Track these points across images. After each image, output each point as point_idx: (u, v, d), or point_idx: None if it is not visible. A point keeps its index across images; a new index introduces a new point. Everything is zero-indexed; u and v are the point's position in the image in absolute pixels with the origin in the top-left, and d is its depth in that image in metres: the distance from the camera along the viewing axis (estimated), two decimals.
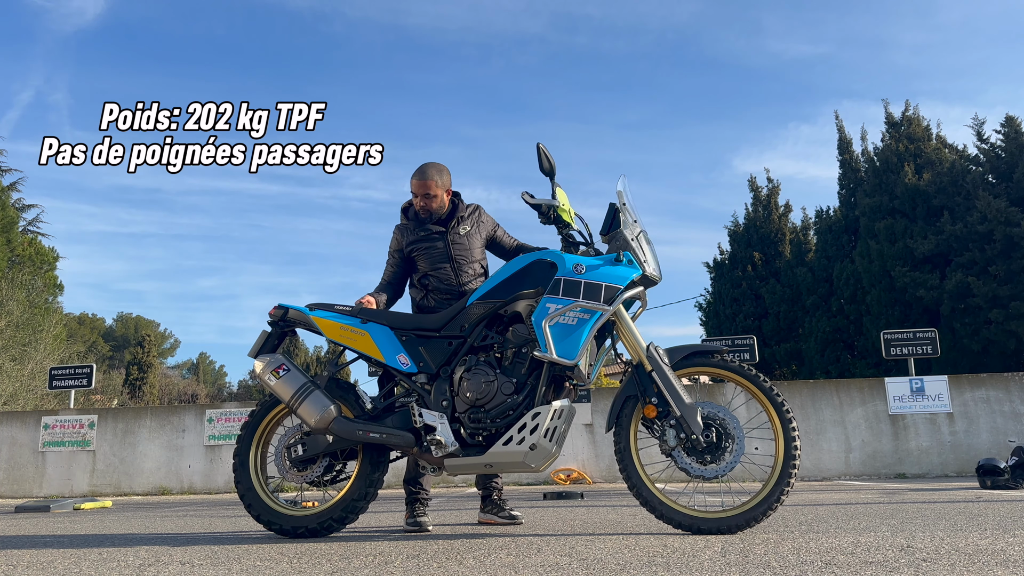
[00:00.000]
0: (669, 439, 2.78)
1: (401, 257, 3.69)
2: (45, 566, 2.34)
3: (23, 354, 18.97)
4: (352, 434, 3.01)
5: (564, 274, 2.89)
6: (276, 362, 3.14)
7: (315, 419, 3.01)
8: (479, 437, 2.92)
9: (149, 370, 38.17)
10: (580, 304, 2.82)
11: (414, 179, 3.62)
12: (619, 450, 2.86)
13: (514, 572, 1.98)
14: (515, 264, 3.06)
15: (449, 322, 3.10)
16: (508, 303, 3.00)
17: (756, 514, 2.72)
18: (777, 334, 18.29)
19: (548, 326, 2.82)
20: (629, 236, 2.95)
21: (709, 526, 2.72)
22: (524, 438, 2.80)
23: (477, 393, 2.90)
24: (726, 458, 2.77)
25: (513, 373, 2.94)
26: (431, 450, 2.93)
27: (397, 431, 2.99)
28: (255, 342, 3.30)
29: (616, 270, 2.88)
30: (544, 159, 3.08)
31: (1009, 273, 14.01)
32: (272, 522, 3.08)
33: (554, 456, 2.89)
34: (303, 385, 3.06)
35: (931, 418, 9.79)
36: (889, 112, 18.06)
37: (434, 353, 3.08)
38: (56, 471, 10.53)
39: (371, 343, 3.12)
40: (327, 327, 3.19)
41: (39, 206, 27.30)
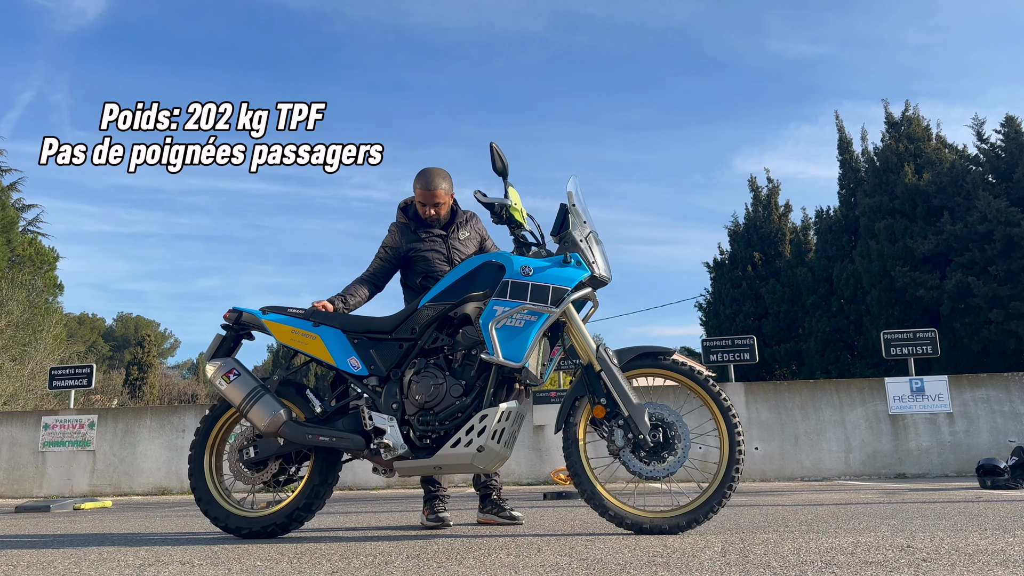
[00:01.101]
0: (617, 439, 2.80)
1: (395, 256, 3.68)
2: (45, 566, 2.34)
3: (23, 354, 18.97)
4: (302, 438, 3.02)
5: (512, 276, 2.89)
6: (227, 366, 3.17)
7: (265, 423, 3.04)
8: (428, 439, 2.93)
9: (149, 370, 38.17)
10: (527, 306, 2.83)
11: (420, 188, 3.61)
12: (568, 451, 2.88)
13: (514, 572, 1.97)
14: (465, 266, 3.07)
15: (400, 324, 3.11)
16: (457, 305, 3.01)
17: (699, 514, 2.75)
18: (777, 334, 18.29)
19: (495, 328, 2.83)
20: (578, 237, 2.96)
21: (654, 526, 2.75)
22: (472, 440, 2.81)
23: (426, 396, 2.91)
24: (672, 458, 2.79)
25: (462, 375, 2.96)
26: (380, 453, 2.94)
27: (347, 434, 3.00)
28: (210, 346, 3.32)
29: (564, 271, 2.88)
30: (497, 158, 3.08)
31: (1009, 273, 14.01)
32: (219, 519, 3.13)
33: (503, 458, 2.91)
34: (253, 389, 3.08)
35: (931, 418, 9.79)
36: (889, 112, 18.07)
37: (385, 356, 3.09)
38: (56, 471, 10.53)
39: (322, 346, 3.13)
40: (278, 331, 3.20)
41: (39, 206, 27.34)
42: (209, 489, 3.18)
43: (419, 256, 3.64)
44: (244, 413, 3.08)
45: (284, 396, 3.17)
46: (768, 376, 18.23)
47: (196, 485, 3.20)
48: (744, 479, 9.68)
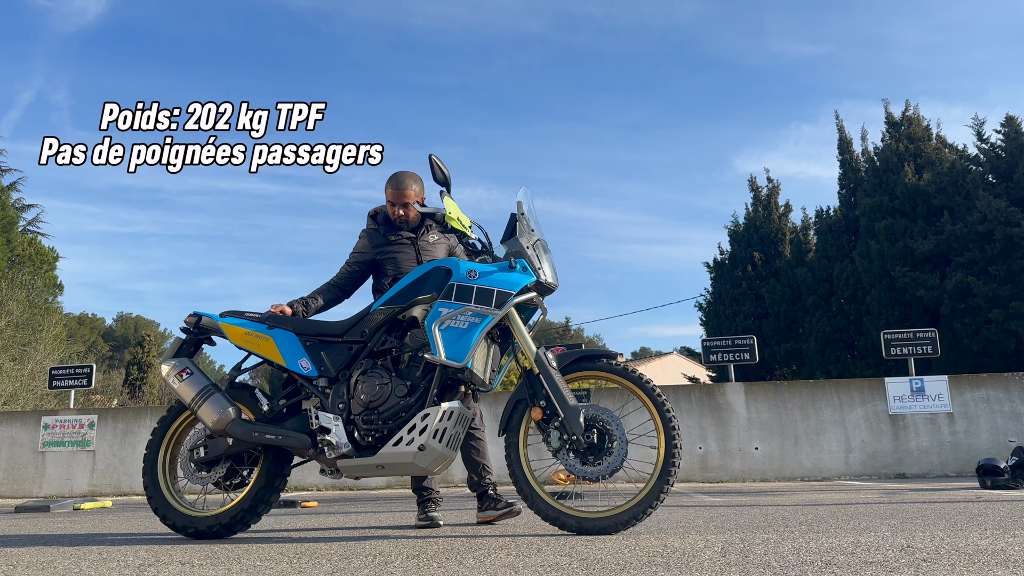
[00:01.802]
0: (553, 440, 2.85)
1: (365, 261, 3.75)
2: (45, 566, 2.34)
3: (23, 354, 18.97)
4: (248, 435, 3.08)
5: (457, 280, 2.97)
6: (181, 365, 3.24)
7: (213, 420, 3.09)
8: (371, 438, 2.98)
9: (149, 370, 38.18)
10: (471, 308, 2.89)
11: (391, 188, 3.69)
12: (509, 453, 2.94)
13: (514, 572, 1.97)
14: (416, 272, 3.16)
15: (352, 328, 3.19)
16: (406, 308, 3.08)
17: (636, 512, 2.77)
18: (777, 334, 18.29)
19: (439, 329, 2.90)
20: (525, 244, 3.03)
21: (592, 526, 2.78)
22: (413, 439, 2.86)
23: (371, 395, 2.97)
24: (608, 459, 2.82)
25: (408, 376, 3.02)
26: (324, 451, 2.99)
27: (292, 432, 3.06)
28: (168, 348, 3.41)
29: (509, 276, 2.96)
30: (437, 170, 3.16)
31: (1009, 273, 14.01)
32: (167, 516, 3.19)
33: (446, 458, 2.96)
34: (204, 388, 3.15)
35: (931, 418, 9.79)
36: (889, 112, 18.07)
37: (335, 357, 3.16)
38: (56, 471, 10.53)
39: (274, 348, 3.20)
40: (233, 332, 3.28)
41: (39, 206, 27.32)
42: (160, 487, 3.25)
43: (388, 258, 3.70)
44: (194, 411, 3.15)
45: (236, 397, 3.23)
46: (768, 376, 18.23)
47: (148, 483, 3.26)
48: (744, 479, 9.68)
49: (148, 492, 3.25)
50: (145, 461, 3.30)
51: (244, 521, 3.16)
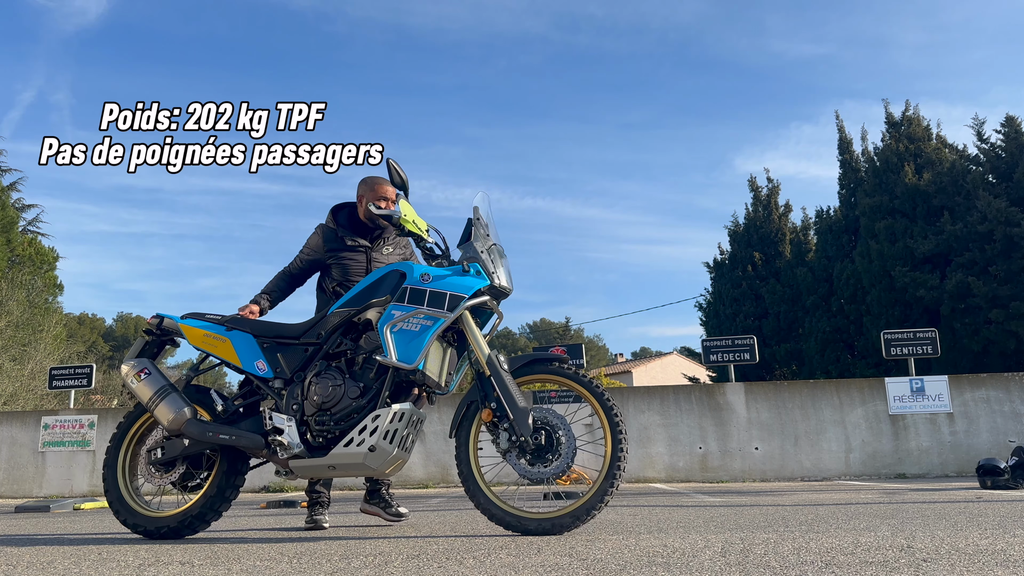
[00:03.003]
0: (502, 441, 2.87)
1: (314, 260, 3.78)
2: (45, 566, 2.34)
3: (23, 354, 18.97)
4: (203, 435, 3.11)
5: (411, 283, 3.00)
6: (140, 366, 3.27)
7: (169, 420, 3.13)
8: (323, 439, 3.01)
9: None
10: (423, 311, 2.92)
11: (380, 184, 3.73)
12: (459, 453, 2.96)
13: (514, 572, 1.97)
14: (372, 275, 3.18)
15: (308, 330, 3.22)
16: (361, 311, 3.10)
17: (580, 513, 2.79)
18: (777, 334, 18.29)
19: (391, 332, 2.93)
20: (479, 248, 3.05)
21: (536, 526, 2.79)
22: (364, 440, 2.88)
23: (324, 396, 3.00)
24: (556, 461, 2.83)
25: (361, 378, 3.04)
26: (277, 452, 3.01)
27: (246, 433, 3.09)
28: (131, 349, 3.43)
29: (462, 280, 2.98)
30: (395, 174, 3.18)
31: (1009, 273, 14.01)
32: (120, 513, 3.22)
33: (397, 459, 2.98)
34: (161, 387, 3.18)
35: (931, 418, 9.79)
36: (889, 112, 18.07)
37: (291, 359, 3.19)
38: (56, 471, 10.53)
39: (231, 349, 3.24)
40: (192, 334, 3.32)
41: (39, 206, 27.33)
42: (119, 487, 3.27)
43: (338, 264, 3.73)
44: (151, 410, 3.18)
45: (193, 398, 3.27)
46: (768, 376, 18.23)
47: (107, 483, 3.28)
48: (744, 479, 9.68)
49: (108, 495, 3.28)
50: (105, 463, 3.33)
51: (192, 526, 3.18)
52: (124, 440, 3.37)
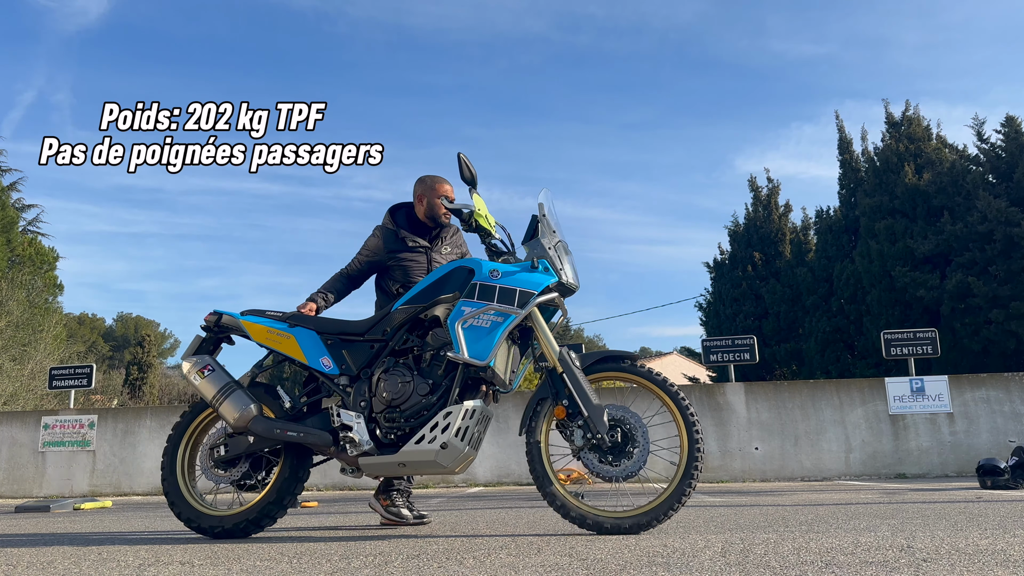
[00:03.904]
0: (576, 439, 2.85)
1: (374, 261, 3.77)
2: (45, 566, 2.34)
3: (23, 354, 18.97)
4: (270, 432, 3.07)
5: (480, 279, 2.98)
6: (202, 362, 3.23)
7: (235, 417, 3.08)
8: (393, 436, 2.99)
9: (149, 370, 38.15)
10: (494, 307, 2.90)
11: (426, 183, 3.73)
12: (529, 452, 2.93)
13: (514, 572, 1.97)
14: (438, 271, 3.16)
15: (373, 327, 3.19)
16: (428, 307, 3.09)
17: (658, 514, 2.77)
18: (777, 334, 18.30)
19: (462, 328, 2.90)
20: (547, 245, 3.04)
21: (612, 525, 2.77)
22: (435, 437, 2.85)
23: (393, 393, 2.97)
24: (631, 459, 2.82)
25: (430, 375, 3.02)
26: (346, 449, 2.98)
27: (314, 430, 3.05)
28: (189, 346, 3.39)
29: (531, 276, 2.96)
30: (465, 168, 3.17)
31: (1009, 273, 14.01)
32: (191, 520, 3.15)
33: (467, 457, 2.95)
34: (226, 384, 3.14)
35: (931, 418, 9.79)
36: (889, 112, 18.07)
37: (356, 356, 3.16)
38: (56, 471, 10.53)
39: (295, 346, 3.21)
40: (255, 331, 3.28)
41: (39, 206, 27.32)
42: (180, 488, 3.22)
43: (399, 265, 3.72)
44: (216, 408, 3.13)
45: (257, 395, 3.22)
46: (768, 376, 18.23)
47: (167, 484, 3.23)
48: (744, 479, 9.68)
49: (169, 497, 3.20)
50: (163, 466, 3.26)
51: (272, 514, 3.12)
52: (183, 436, 3.30)
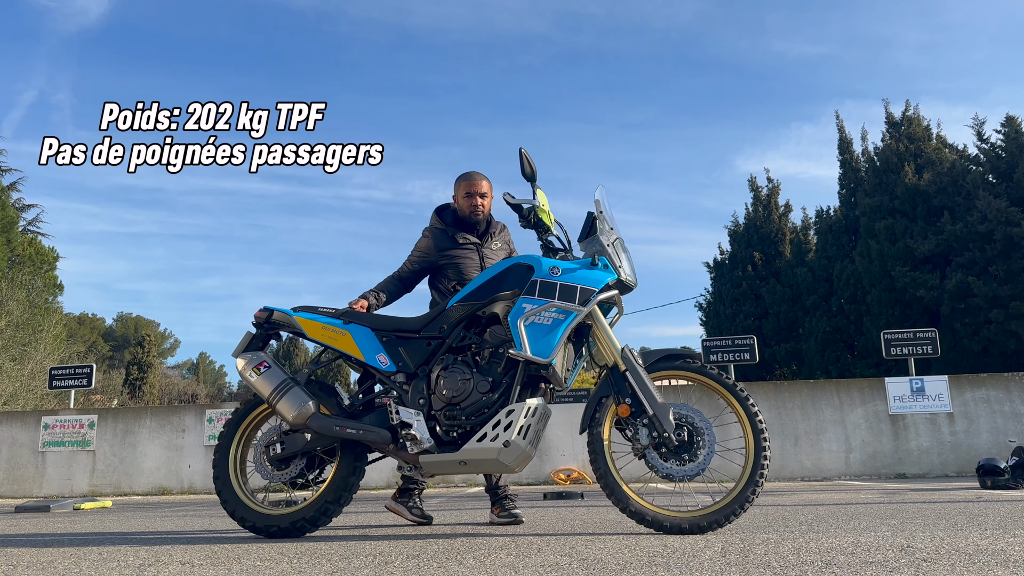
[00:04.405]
0: (642, 438, 2.82)
1: (426, 261, 3.75)
2: (45, 566, 2.34)
3: (23, 354, 18.97)
4: (329, 430, 3.04)
5: (540, 276, 2.95)
6: (257, 359, 3.19)
7: (293, 414, 3.05)
8: (454, 434, 2.96)
9: (149, 370, 38.16)
10: (555, 305, 2.87)
11: (465, 182, 3.72)
12: (593, 450, 2.90)
13: (514, 572, 1.97)
14: (495, 268, 3.13)
15: (429, 324, 3.16)
16: (486, 305, 3.06)
17: (721, 516, 2.76)
18: (777, 334, 18.30)
19: (523, 325, 2.87)
20: (605, 242, 3.01)
21: (674, 525, 2.76)
22: (498, 435, 2.83)
23: (453, 391, 2.95)
24: (697, 458, 2.79)
25: (489, 372, 2.99)
26: (406, 446, 2.96)
27: (374, 428, 3.02)
28: (239, 342, 3.35)
29: (591, 273, 2.94)
30: (526, 163, 3.14)
31: (1009, 273, 14.01)
32: (245, 519, 3.11)
33: (528, 456, 2.92)
34: (283, 381, 3.10)
35: (931, 418, 9.80)
36: (889, 112, 18.08)
37: (413, 353, 3.13)
38: (56, 471, 10.53)
39: (351, 342, 3.17)
40: (310, 327, 3.24)
41: (39, 206, 27.34)
42: (233, 486, 3.17)
43: (451, 263, 3.70)
44: (273, 405, 3.09)
45: (312, 392, 3.17)
46: (768, 376, 18.24)
47: (220, 481, 3.18)
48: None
49: (222, 496, 3.17)
50: (216, 461, 3.22)
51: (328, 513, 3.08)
52: (236, 433, 3.27)
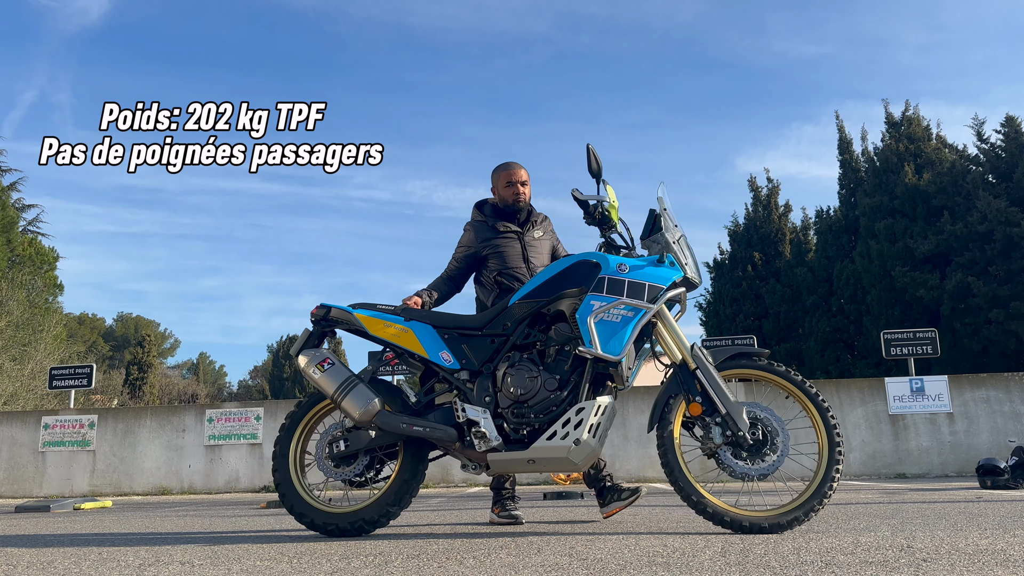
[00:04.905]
0: (715, 436, 2.81)
1: (470, 255, 3.72)
2: (45, 566, 2.34)
3: (23, 354, 18.98)
4: (396, 427, 3.00)
5: (608, 273, 2.93)
6: (320, 356, 3.15)
7: (359, 412, 3.00)
8: (522, 432, 2.93)
9: (149, 370, 38.17)
10: (624, 302, 2.86)
11: (503, 172, 3.70)
12: (663, 450, 2.88)
13: (514, 572, 1.97)
14: (558, 265, 3.10)
15: (491, 321, 3.13)
16: (551, 302, 3.03)
17: (799, 514, 2.75)
18: (777, 334, 18.30)
19: (593, 322, 2.85)
20: (671, 239, 3.00)
21: (752, 523, 2.74)
22: (568, 433, 2.81)
23: (521, 388, 2.92)
24: (771, 457, 2.79)
25: (556, 370, 2.97)
26: (474, 444, 2.92)
27: (440, 425, 2.99)
28: (297, 340, 3.31)
29: (659, 271, 2.93)
30: (593, 160, 3.11)
31: (1009, 273, 14.01)
32: (304, 515, 3.09)
33: (595, 454, 2.89)
34: (348, 379, 3.07)
35: (931, 418, 9.79)
36: (889, 112, 18.09)
37: (477, 350, 3.10)
38: (56, 471, 10.53)
39: (415, 339, 3.14)
40: (371, 324, 3.19)
41: (39, 206, 27.36)
42: (293, 482, 3.15)
43: (495, 252, 3.66)
44: (338, 402, 3.05)
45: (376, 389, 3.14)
46: None
47: (279, 476, 3.16)
48: None
49: (279, 487, 3.14)
50: (275, 457, 3.18)
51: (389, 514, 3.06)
52: (296, 431, 3.24)
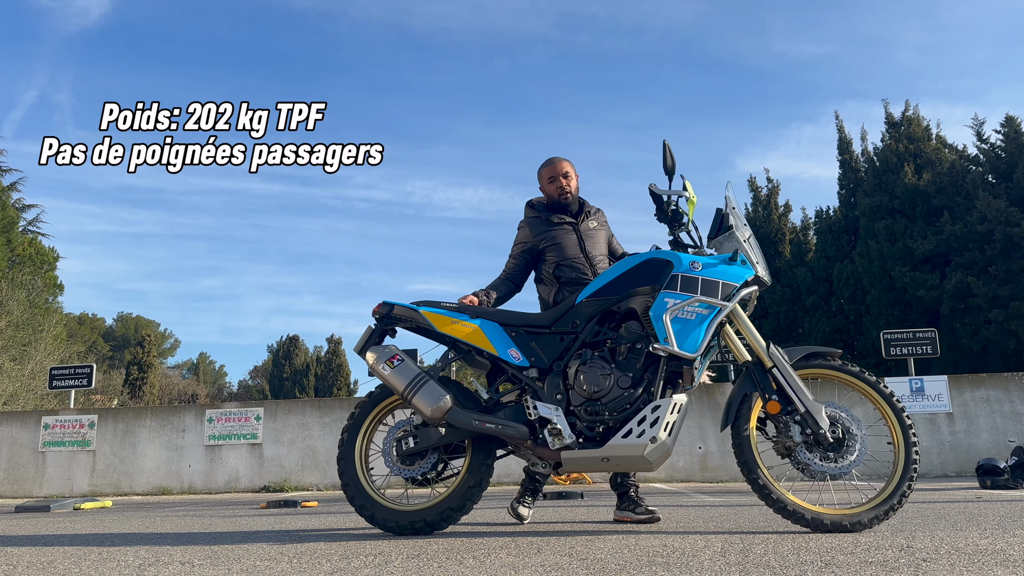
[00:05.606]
0: (794, 435, 2.82)
1: (527, 251, 3.69)
2: (45, 566, 2.34)
3: (23, 354, 18.98)
4: (468, 424, 2.97)
5: (681, 271, 2.92)
6: (389, 352, 3.12)
7: (431, 408, 2.98)
8: (596, 430, 2.92)
9: (149, 370, 38.14)
10: (698, 299, 2.86)
11: (547, 167, 3.70)
12: (740, 448, 2.88)
13: (514, 572, 1.98)
14: (627, 263, 3.08)
15: (560, 319, 3.12)
16: (622, 299, 3.02)
17: (880, 512, 2.75)
18: (777, 334, 18.29)
19: (669, 320, 2.85)
20: (741, 238, 3.01)
21: (833, 523, 2.73)
22: (644, 431, 2.80)
23: (594, 386, 2.91)
24: (850, 456, 2.80)
25: (628, 368, 2.95)
26: (548, 442, 2.91)
27: (512, 423, 2.97)
28: (360, 338, 3.28)
29: (732, 269, 2.93)
30: (668, 156, 3.11)
31: (1009, 273, 14.01)
32: (365, 508, 3.07)
33: (669, 452, 2.88)
34: (418, 375, 3.04)
35: (931, 418, 9.79)
36: (889, 112, 18.09)
37: (546, 348, 3.08)
38: (56, 471, 10.53)
39: (483, 336, 3.11)
40: (438, 321, 3.16)
41: (39, 206, 27.37)
42: (358, 477, 3.13)
43: (552, 244, 3.62)
44: (408, 399, 3.03)
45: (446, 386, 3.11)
46: None
47: (346, 476, 3.14)
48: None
49: (347, 488, 3.12)
50: (341, 454, 3.16)
51: (450, 518, 3.03)
52: (360, 428, 3.21)
